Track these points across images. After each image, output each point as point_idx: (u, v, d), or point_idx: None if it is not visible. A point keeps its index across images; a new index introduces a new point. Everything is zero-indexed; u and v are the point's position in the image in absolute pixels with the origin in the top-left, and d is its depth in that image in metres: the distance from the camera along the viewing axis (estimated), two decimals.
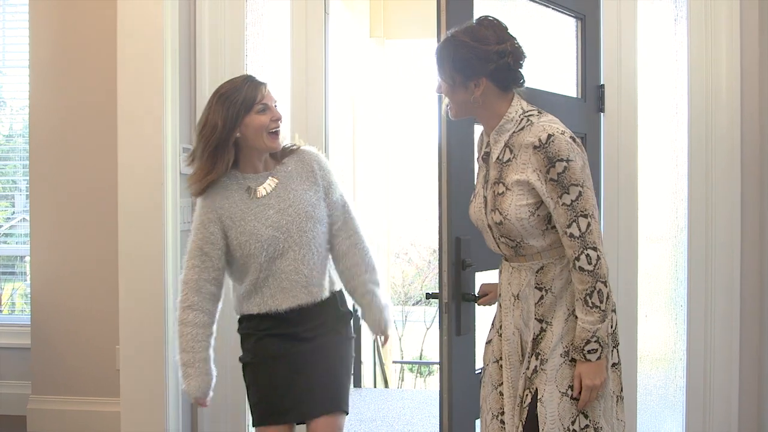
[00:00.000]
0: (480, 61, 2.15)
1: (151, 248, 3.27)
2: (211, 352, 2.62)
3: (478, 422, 2.65)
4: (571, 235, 2.07)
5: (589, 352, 2.08)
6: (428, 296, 2.86)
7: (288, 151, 2.69)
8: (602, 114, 3.40)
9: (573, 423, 2.12)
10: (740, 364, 3.35)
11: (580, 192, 2.07)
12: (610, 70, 3.40)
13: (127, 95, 3.29)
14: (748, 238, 3.33)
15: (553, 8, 3.19)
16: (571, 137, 2.11)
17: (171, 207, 3.30)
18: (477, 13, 2.72)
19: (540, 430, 2.11)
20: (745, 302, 3.33)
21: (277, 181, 2.62)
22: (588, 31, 3.33)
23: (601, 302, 2.07)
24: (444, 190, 2.68)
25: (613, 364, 2.22)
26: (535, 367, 2.16)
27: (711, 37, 3.33)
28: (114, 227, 3.36)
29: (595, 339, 2.07)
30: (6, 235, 4.71)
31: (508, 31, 2.20)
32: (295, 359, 2.62)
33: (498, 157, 2.21)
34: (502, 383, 2.29)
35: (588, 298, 2.07)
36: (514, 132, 2.18)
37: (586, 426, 2.13)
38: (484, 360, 2.40)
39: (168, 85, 3.28)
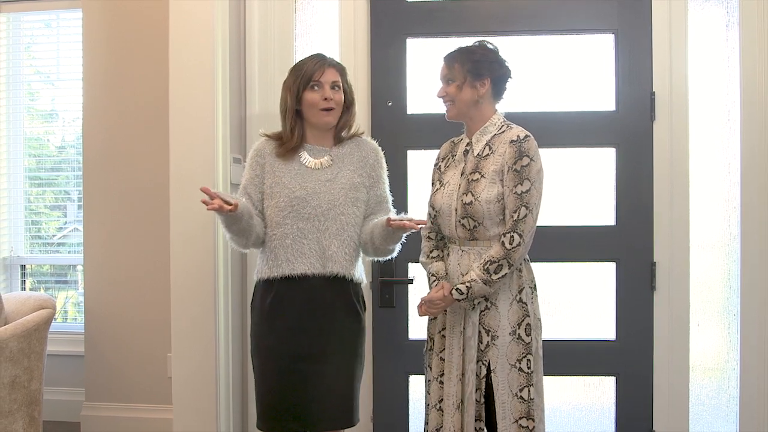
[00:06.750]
0: (488, 64, 2.63)
1: (203, 257, 3.31)
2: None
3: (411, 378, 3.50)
4: (512, 218, 2.50)
5: (458, 291, 2.53)
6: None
7: (350, 136, 2.88)
8: (653, 122, 3.39)
9: (521, 391, 2.53)
10: None
11: (530, 187, 2.51)
12: (660, 78, 3.39)
13: (179, 106, 3.34)
14: None
15: (581, 33, 3.51)
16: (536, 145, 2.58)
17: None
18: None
19: (494, 394, 2.53)
20: None
21: (331, 161, 2.80)
22: (621, 43, 3.43)
23: (495, 273, 2.50)
24: None
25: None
26: (488, 342, 2.55)
27: (763, 43, 3.31)
28: (166, 236, 3.40)
29: (468, 287, 2.51)
30: (58, 244, 4.80)
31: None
32: (312, 364, 2.68)
33: (478, 153, 2.63)
34: (443, 349, 2.66)
35: (490, 265, 2.50)
36: (495, 134, 2.63)
37: (532, 399, 2.54)
38: (429, 333, 2.77)
39: (219, 96, 3.33)
